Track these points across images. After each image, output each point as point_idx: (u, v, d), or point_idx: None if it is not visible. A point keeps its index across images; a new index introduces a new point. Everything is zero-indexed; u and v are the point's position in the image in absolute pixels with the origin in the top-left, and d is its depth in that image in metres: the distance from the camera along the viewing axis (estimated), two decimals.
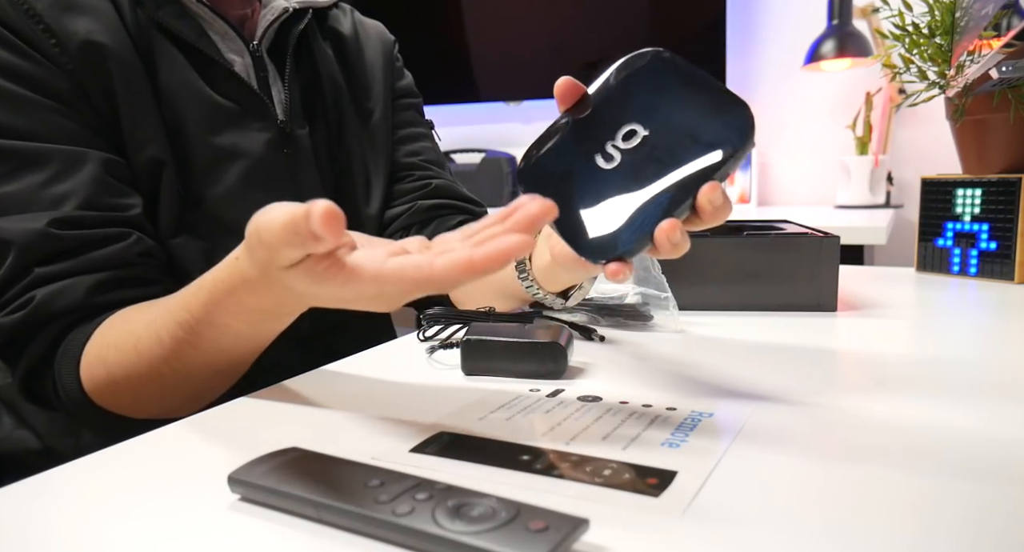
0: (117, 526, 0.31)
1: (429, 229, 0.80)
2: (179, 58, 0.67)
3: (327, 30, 0.82)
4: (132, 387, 0.55)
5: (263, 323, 0.50)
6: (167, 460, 0.38)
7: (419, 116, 0.91)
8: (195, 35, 0.67)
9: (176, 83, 0.66)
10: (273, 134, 0.71)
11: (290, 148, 0.73)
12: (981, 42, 0.77)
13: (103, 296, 0.58)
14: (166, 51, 0.66)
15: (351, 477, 0.31)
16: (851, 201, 1.88)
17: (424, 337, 0.62)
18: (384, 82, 0.85)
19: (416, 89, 0.92)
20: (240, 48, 0.71)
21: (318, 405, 0.46)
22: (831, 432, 0.39)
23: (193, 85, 0.67)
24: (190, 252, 0.65)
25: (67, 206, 0.58)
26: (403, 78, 0.90)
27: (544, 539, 0.25)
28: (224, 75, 0.69)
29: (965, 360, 0.53)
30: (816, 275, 0.69)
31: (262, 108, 0.71)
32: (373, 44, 0.86)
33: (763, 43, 2.07)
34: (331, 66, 0.80)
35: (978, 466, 0.34)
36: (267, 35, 0.73)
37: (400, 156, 0.85)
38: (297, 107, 0.75)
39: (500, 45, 2.23)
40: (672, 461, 0.35)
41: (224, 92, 0.69)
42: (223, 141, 0.68)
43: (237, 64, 0.71)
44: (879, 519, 0.29)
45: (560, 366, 0.50)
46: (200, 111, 0.67)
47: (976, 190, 0.86)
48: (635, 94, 0.43)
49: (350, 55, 0.83)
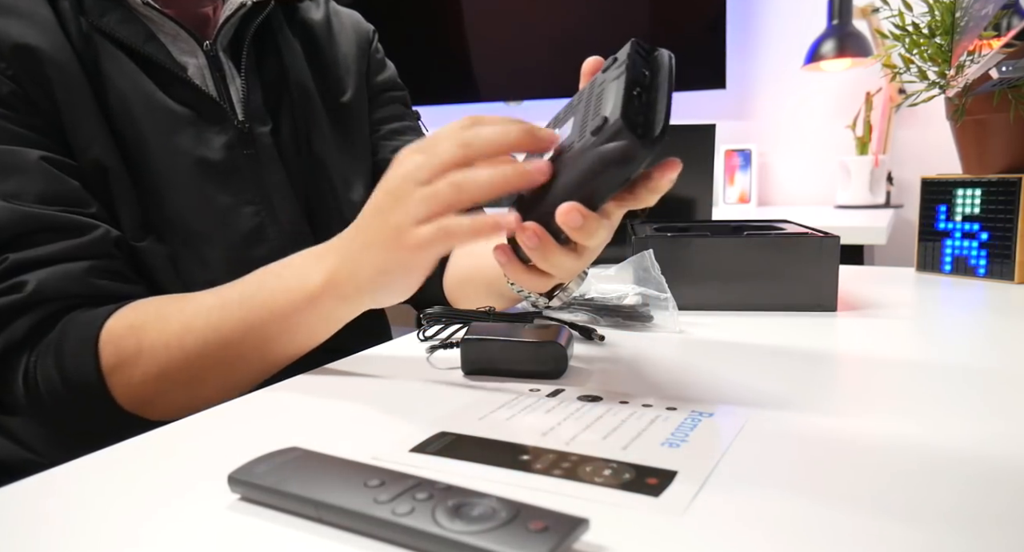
0: (117, 526, 0.31)
1: None
2: (128, 64, 0.66)
3: (297, 23, 0.80)
4: (163, 366, 0.55)
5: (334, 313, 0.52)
6: (167, 460, 0.38)
7: (405, 109, 0.89)
8: (141, 40, 0.66)
9: (128, 90, 0.65)
10: (231, 136, 0.70)
11: (251, 148, 0.71)
12: (981, 42, 0.77)
13: (100, 282, 0.58)
14: (115, 58, 0.65)
15: (351, 477, 0.31)
16: (851, 201, 1.88)
17: (424, 337, 0.62)
18: (358, 72, 0.83)
19: (400, 81, 0.90)
20: (194, 49, 0.70)
21: (318, 405, 0.46)
22: (831, 432, 0.39)
23: (144, 91, 0.66)
24: (156, 257, 0.65)
25: (21, 200, 0.58)
26: (384, 70, 0.88)
27: (544, 539, 0.25)
28: (174, 80, 0.68)
29: (965, 360, 0.53)
30: (816, 275, 0.69)
31: (217, 110, 0.70)
32: (347, 34, 0.84)
33: (763, 43, 2.07)
34: (298, 60, 0.78)
35: (978, 466, 0.34)
36: (224, 32, 0.72)
37: (387, 153, 0.84)
38: (257, 105, 0.73)
39: (500, 45, 2.23)
40: (672, 461, 0.35)
41: (178, 97, 0.68)
42: (179, 146, 0.67)
43: (191, 66, 0.70)
44: (879, 519, 0.29)
45: (560, 366, 0.50)
46: (154, 117, 0.66)
47: (976, 190, 0.86)
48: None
49: (321, 47, 0.81)
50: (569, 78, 1.95)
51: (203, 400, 0.55)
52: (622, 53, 0.41)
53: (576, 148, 0.40)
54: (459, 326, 0.63)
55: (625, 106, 0.38)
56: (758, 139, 2.09)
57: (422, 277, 0.47)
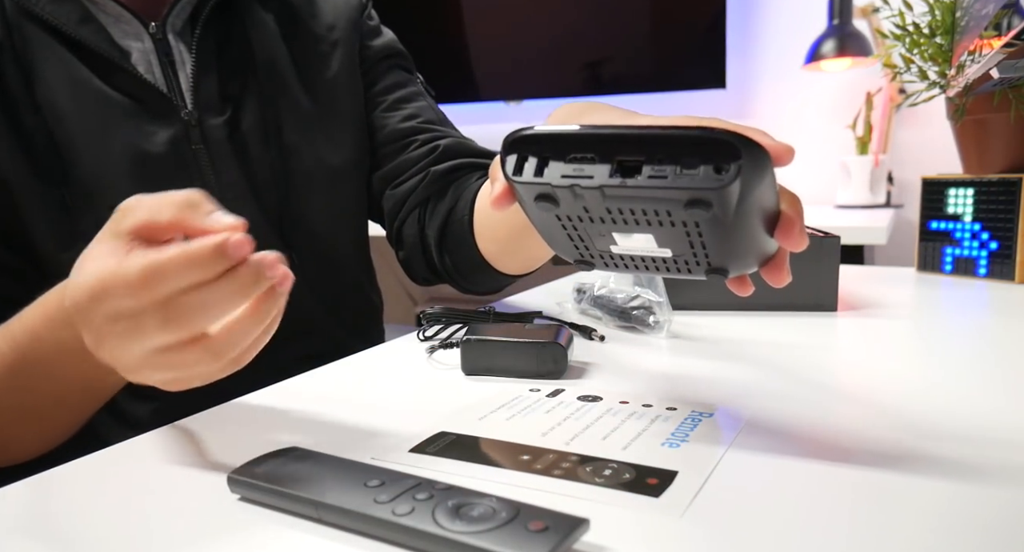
0: (117, 526, 0.31)
1: (447, 198, 0.73)
2: (60, 51, 0.60)
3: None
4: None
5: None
6: (167, 460, 0.38)
7: (408, 75, 0.82)
8: (75, 22, 0.60)
9: (57, 80, 0.59)
10: (177, 129, 0.63)
11: (200, 143, 0.65)
12: (981, 42, 0.77)
13: None
14: (45, 44, 0.59)
15: (351, 477, 0.31)
16: (851, 201, 1.88)
17: (424, 337, 0.62)
18: (348, 45, 0.76)
19: (400, 47, 0.83)
20: (138, 31, 0.63)
21: (318, 405, 0.46)
22: (831, 432, 0.39)
23: (77, 80, 0.60)
24: None
25: None
26: (379, 36, 0.81)
27: (544, 539, 0.25)
28: (112, 67, 0.61)
29: (965, 360, 0.53)
30: (816, 275, 0.69)
31: (161, 100, 0.63)
32: (333, 5, 0.77)
33: (763, 43, 2.07)
34: (270, 39, 0.71)
35: (979, 466, 0.34)
36: (176, 12, 0.65)
37: (396, 123, 0.77)
38: (211, 93, 0.66)
39: (500, 45, 2.23)
40: (672, 461, 0.35)
41: (117, 85, 0.61)
42: (116, 142, 0.61)
43: (135, 51, 0.63)
44: (879, 519, 0.29)
45: (560, 366, 0.50)
46: (85, 109, 0.60)
47: (976, 190, 0.86)
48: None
49: (302, 21, 0.74)
50: (569, 78, 1.97)
51: (28, 450, 0.52)
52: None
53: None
54: (459, 326, 0.63)
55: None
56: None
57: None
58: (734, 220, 0.31)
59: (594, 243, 0.37)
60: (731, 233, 0.33)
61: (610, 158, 0.32)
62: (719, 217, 0.31)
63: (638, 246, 0.36)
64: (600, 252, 0.38)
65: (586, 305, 0.69)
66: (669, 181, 0.30)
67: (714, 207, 0.30)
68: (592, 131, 0.33)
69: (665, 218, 0.32)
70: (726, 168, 0.30)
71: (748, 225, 0.33)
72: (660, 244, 0.35)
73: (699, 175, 0.30)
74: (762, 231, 0.34)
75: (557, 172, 0.33)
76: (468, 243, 0.70)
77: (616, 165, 0.32)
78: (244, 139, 0.67)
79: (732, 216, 0.31)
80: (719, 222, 0.31)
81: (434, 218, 0.73)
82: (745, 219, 0.32)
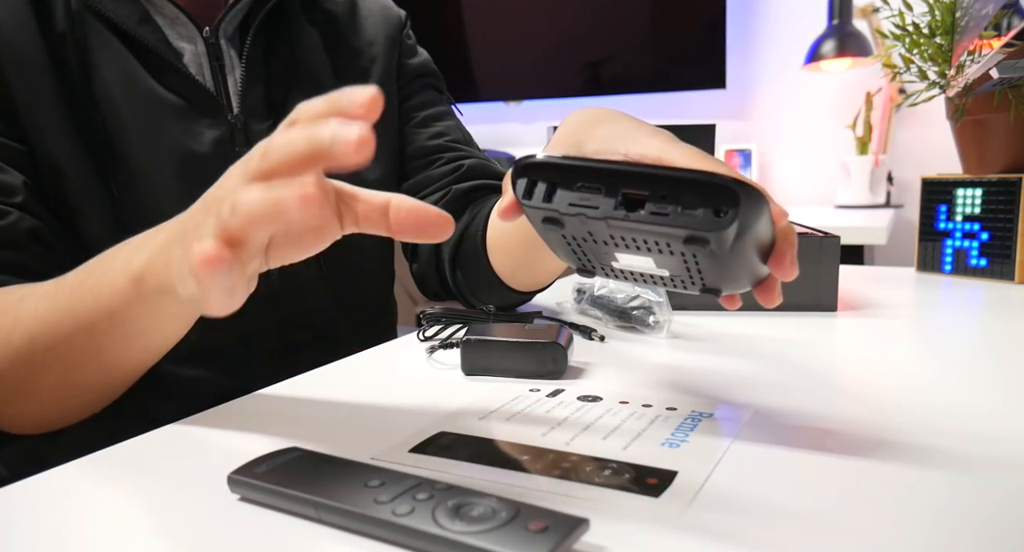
0: (117, 526, 0.31)
1: (466, 215, 0.75)
2: (118, 47, 0.62)
3: (317, 11, 0.76)
4: (14, 367, 0.50)
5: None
6: (167, 460, 0.38)
7: (438, 95, 0.85)
8: (135, 22, 0.62)
9: (113, 76, 0.62)
10: (223, 131, 0.66)
11: (245, 146, 0.66)
12: (981, 42, 0.77)
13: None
14: (104, 40, 0.62)
15: (351, 477, 0.31)
16: (851, 201, 1.88)
17: (424, 337, 0.62)
18: (387, 62, 0.79)
19: (435, 68, 0.86)
20: (192, 34, 0.66)
21: (318, 405, 0.46)
22: (831, 432, 0.39)
23: (132, 77, 0.62)
24: None
25: None
26: (416, 55, 0.84)
27: (544, 539, 0.25)
28: (166, 66, 0.63)
29: (966, 360, 0.53)
30: (816, 275, 0.69)
31: (210, 102, 0.65)
32: (374, 22, 0.80)
33: (763, 43, 2.07)
34: (314, 51, 0.73)
35: (979, 465, 0.34)
36: (229, 19, 0.67)
37: (424, 139, 0.80)
38: (257, 98, 0.68)
39: (500, 45, 2.24)
40: (672, 461, 0.35)
41: (169, 85, 0.63)
42: (164, 139, 0.63)
43: (187, 53, 0.66)
44: (879, 519, 0.29)
45: (560, 366, 0.50)
46: (138, 106, 0.62)
47: (976, 190, 0.86)
48: None
49: (343, 36, 0.77)
50: (569, 78, 1.97)
51: (39, 413, 0.52)
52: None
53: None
54: (459, 326, 0.63)
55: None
56: (758, 139, 2.09)
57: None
58: (729, 256, 0.33)
59: (597, 258, 0.39)
60: (726, 264, 0.35)
61: (616, 191, 0.34)
62: (716, 252, 0.33)
63: (638, 265, 0.38)
64: (602, 265, 0.40)
65: (586, 305, 0.69)
66: (670, 219, 0.32)
67: (711, 245, 0.32)
68: (600, 165, 0.35)
69: (664, 248, 0.34)
70: (724, 211, 0.32)
71: (743, 258, 0.35)
72: (659, 266, 0.37)
73: (699, 216, 0.32)
74: (756, 260, 0.36)
75: (565, 200, 0.35)
76: (480, 258, 0.72)
77: (621, 198, 0.34)
78: None
79: (727, 253, 0.33)
80: (715, 256, 0.33)
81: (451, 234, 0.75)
82: (740, 255, 0.34)
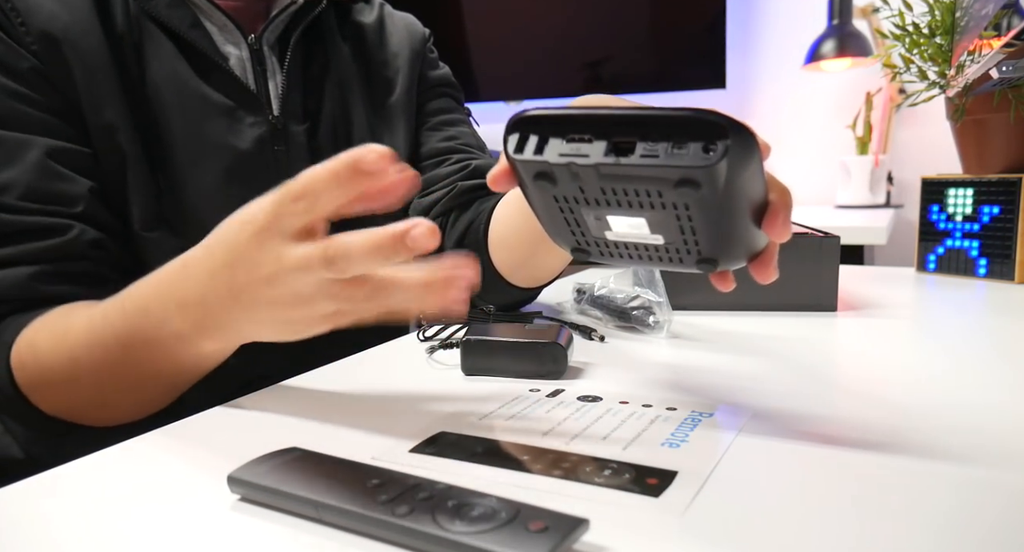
0: (117, 526, 0.31)
1: (469, 212, 0.77)
2: (169, 48, 0.66)
3: (349, 24, 0.81)
4: (64, 381, 0.53)
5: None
6: (167, 460, 0.38)
7: (456, 104, 0.90)
8: (187, 26, 0.67)
9: (163, 75, 0.66)
10: (264, 130, 0.70)
11: (283, 145, 0.71)
12: (981, 42, 0.77)
13: (45, 287, 0.57)
14: (157, 41, 0.66)
15: (351, 477, 0.31)
16: (851, 201, 1.88)
17: (424, 337, 0.62)
18: (409, 74, 0.83)
19: (454, 81, 0.91)
20: (238, 40, 0.70)
21: (318, 405, 0.46)
22: (831, 432, 0.39)
23: (181, 77, 0.66)
24: (164, 250, 0.63)
25: (7, 196, 0.57)
26: (437, 68, 0.89)
27: (544, 539, 0.25)
28: (214, 68, 0.68)
29: (965, 360, 0.53)
30: (816, 275, 0.69)
31: (254, 103, 0.70)
32: (399, 36, 0.85)
33: (763, 43, 2.07)
34: (345, 63, 0.79)
35: (979, 465, 0.34)
36: (272, 28, 0.72)
37: (436, 141, 0.84)
38: (295, 103, 0.73)
39: (500, 45, 2.23)
40: (672, 461, 0.35)
41: (215, 85, 0.68)
42: (209, 135, 0.67)
43: (232, 57, 0.70)
44: (879, 519, 0.29)
45: (560, 366, 0.50)
46: (186, 103, 0.66)
47: (976, 190, 0.86)
48: None
49: (370, 49, 0.82)
50: (569, 78, 1.98)
51: (118, 417, 0.55)
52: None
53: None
54: (459, 326, 0.63)
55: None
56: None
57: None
58: (722, 202, 0.33)
59: (590, 230, 0.39)
60: (720, 217, 0.34)
61: (606, 137, 0.34)
62: (707, 198, 0.33)
63: (631, 233, 0.38)
64: (596, 239, 0.39)
65: (586, 305, 0.69)
66: (661, 160, 0.32)
67: (703, 187, 0.32)
68: (590, 112, 0.34)
69: (656, 200, 0.34)
70: (714, 147, 0.31)
71: (736, 209, 0.34)
72: (652, 230, 0.37)
73: (689, 153, 0.32)
74: (750, 221, 0.36)
75: (555, 150, 0.35)
76: (481, 252, 0.73)
77: (612, 144, 0.34)
78: (319, 148, 0.74)
79: (720, 197, 0.33)
80: (708, 204, 0.33)
81: (454, 230, 0.77)
82: (733, 202, 0.34)
